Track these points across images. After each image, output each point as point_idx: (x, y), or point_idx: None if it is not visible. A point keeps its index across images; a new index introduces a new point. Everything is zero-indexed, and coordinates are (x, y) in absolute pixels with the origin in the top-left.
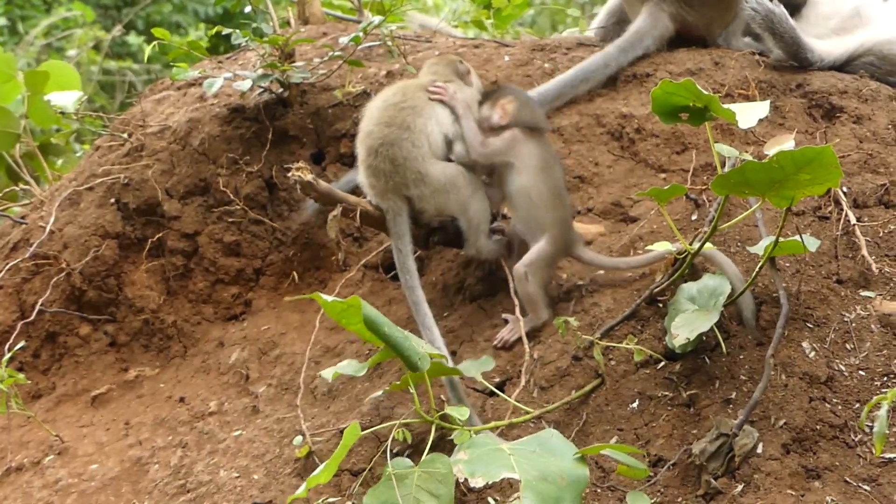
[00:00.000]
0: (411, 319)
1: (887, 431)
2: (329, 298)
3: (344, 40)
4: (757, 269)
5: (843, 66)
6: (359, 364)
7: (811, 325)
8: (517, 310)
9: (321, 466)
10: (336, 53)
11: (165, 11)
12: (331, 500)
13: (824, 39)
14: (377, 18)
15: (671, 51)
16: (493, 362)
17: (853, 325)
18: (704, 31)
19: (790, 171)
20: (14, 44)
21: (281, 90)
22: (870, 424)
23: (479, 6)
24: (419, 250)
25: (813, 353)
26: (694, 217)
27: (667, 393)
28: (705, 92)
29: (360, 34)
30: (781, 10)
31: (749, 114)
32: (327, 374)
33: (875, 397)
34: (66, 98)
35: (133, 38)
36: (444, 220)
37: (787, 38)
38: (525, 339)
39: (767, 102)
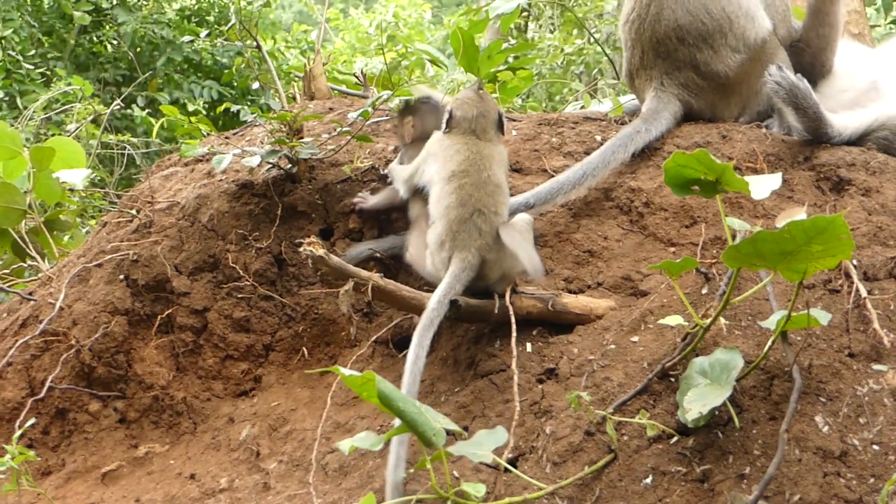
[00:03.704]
0: (424, 394)
1: None
2: (347, 372)
3: (353, 116)
4: (769, 343)
5: (858, 140)
6: (375, 437)
7: (824, 400)
8: None
9: None
10: (344, 129)
11: (167, 96)
12: None
13: (838, 113)
14: (385, 93)
15: (678, 125)
16: (506, 437)
17: (866, 398)
18: (711, 115)
19: (802, 242)
20: (13, 118)
21: (289, 166)
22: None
23: (484, 79)
24: None
25: (826, 428)
26: (704, 291)
27: (680, 468)
28: (718, 161)
29: (369, 109)
30: (805, 84)
31: (762, 185)
32: (344, 445)
33: None
34: (75, 175)
35: (137, 111)
36: (457, 295)
37: (810, 113)
38: None
39: (779, 175)
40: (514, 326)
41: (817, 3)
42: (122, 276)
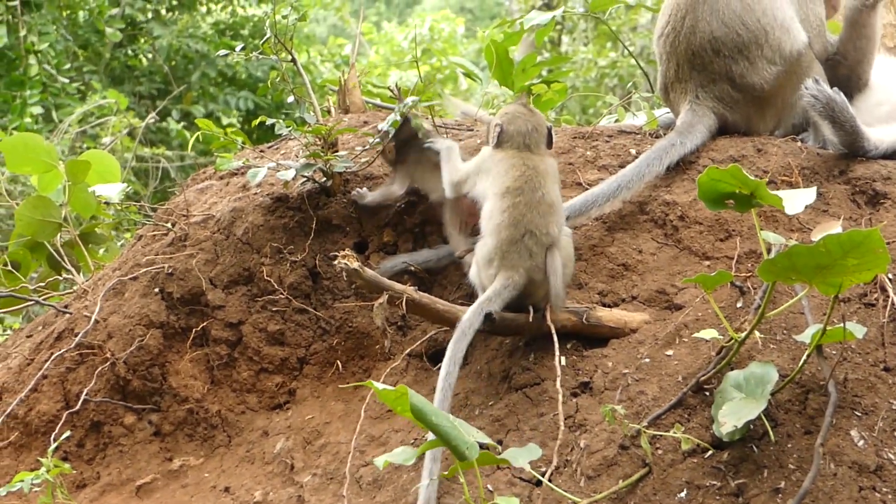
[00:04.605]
0: (458, 407)
1: None
2: (381, 386)
3: (382, 126)
4: (804, 357)
5: (894, 154)
6: (410, 451)
7: (859, 414)
8: None
9: None
10: (377, 140)
11: (202, 109)
12: None
13: (874, 126)
14: (412, 98)
15: (713, 138)
16: (541, 451)
17: None
18: (746, 128)
19: (837, 256)
20: (48, 131)
21: (324, 179)
22: None
23: (517, 93)
24: None
25: (862, 442)
26: (739, 304)
27: (715, 482)
28: (752, 176)
29: (398, 117)
30: (842, 98)
31: (796, 200)
32: (379, 461)
33: None
34: (110, 188)
35: (172, 125)
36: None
37: (847, 127)
38: None
39: (814, 189)
40: (556, 340)
41: (854, 16)
42: (157, 290)
